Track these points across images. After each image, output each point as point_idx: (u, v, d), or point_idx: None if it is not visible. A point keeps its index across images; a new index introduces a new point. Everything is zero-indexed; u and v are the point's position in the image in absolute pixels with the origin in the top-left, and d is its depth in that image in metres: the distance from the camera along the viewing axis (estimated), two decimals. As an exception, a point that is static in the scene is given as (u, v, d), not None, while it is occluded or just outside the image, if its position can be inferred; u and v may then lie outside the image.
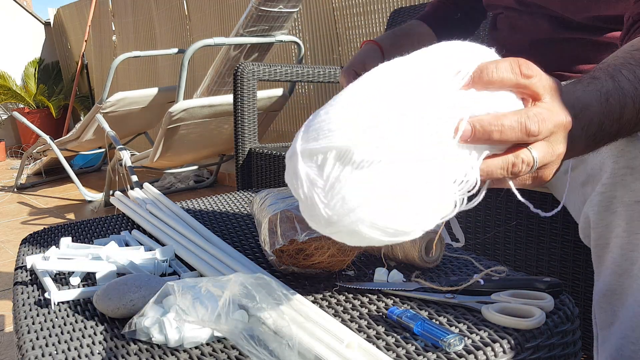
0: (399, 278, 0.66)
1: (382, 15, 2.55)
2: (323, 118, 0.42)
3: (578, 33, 0.87)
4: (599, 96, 0.51)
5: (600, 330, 0.72)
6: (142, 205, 0.98)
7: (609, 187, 0.68)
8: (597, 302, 0.73)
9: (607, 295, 0.70)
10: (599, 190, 0.69)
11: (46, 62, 6.13)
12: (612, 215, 0.68)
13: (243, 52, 2.58)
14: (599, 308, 0.72)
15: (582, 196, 0.76)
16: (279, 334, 0.51)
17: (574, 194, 0.80)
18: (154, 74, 4.52)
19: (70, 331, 0.59)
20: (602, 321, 0.72)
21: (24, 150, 4.98)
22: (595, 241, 0.71)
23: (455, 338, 0.50)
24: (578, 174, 0.79)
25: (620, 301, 0.69)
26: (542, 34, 0.91)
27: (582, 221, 0.74)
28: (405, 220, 0.42)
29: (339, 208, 0.41)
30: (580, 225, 0.75)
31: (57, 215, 3.05)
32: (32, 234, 0.94)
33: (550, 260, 1.01)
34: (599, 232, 0.70)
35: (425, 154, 0.41)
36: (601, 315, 0.72)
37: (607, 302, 0.71)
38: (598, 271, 0.72)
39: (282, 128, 3.31)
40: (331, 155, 0.41)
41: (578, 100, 0.50)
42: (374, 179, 0.41)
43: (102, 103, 2.89)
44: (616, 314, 0.69)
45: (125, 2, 4.72)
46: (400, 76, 0.43)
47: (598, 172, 0.71)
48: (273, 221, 0.69)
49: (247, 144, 1.83)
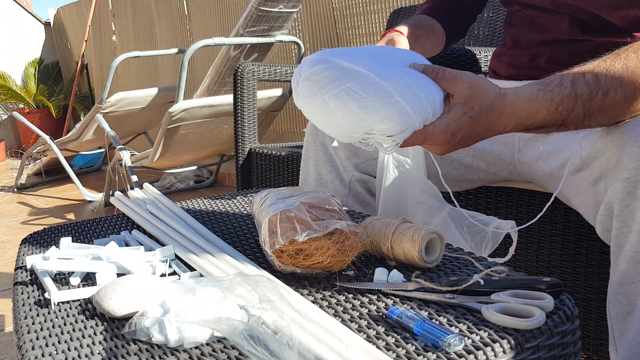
0: (399, 278, 0.66)
1: (382, 15, 2.55)
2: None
3: (599, 36, 0.87)
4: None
5: (616, 323, 0.72)
6: (142, 205, 0.98)
7: (633, 172, 0.67)
8: (612, 294, 0.72)
9: (622, 285, 0.70)
10: (624, 177, 0.68)
11: (46, 62, 6.13)
12: (636, 201, 0.67)
13: (243, 52, 2.58)
14: (614, 300, 0.72)
15: (594, 194, 0.76)
16: (279, 334, 0.51)
17: (583, 194, 0.80)
18: (154, 74, 4.52)
19: (70, 331, 0.59)
20: (617, 313, 0.71)
21: (24, 150, 4.98)
22: (618, 230, 0.70)
23: (455, 338, 0.50)
24: (588, 174, 0.78)
25: (637, 289, 0.68)
26: (563, 34, 0.91)
27: (603, 213, 0.73)
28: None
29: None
30: (598, 219, 0.74)
31: (57, 215, 3.05)
32: (32, 234, 0.94)
33: (550, 260, 1.01)
34: (623, 219, 0.69)
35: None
36: (616, 308, 0.72)
37: (623, 292, 0.70)
38: (615, 263, 0.72)
39: (282, 128, 3.31)
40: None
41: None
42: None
43: (102, 103, 2.89)
44: (633, 303, 0.69)
45: (125, 2, 4.72)
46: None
47: (616, 164, 0.71)
48: (273, 221, 0.69)
49: (247, 144, 1.83)
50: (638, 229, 0.67)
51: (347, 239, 0.67)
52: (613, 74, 0.66)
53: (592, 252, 0.94)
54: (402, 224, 0.72)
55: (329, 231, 0.66)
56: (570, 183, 0.84)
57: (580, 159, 0.80)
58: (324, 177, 1.05)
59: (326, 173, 1.04)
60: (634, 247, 0.68)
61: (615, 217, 0.70)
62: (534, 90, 0.68)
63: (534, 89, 0.68)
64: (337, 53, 0.71)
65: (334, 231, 0.67)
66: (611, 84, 0.67)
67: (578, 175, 0.81)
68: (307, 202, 0.71)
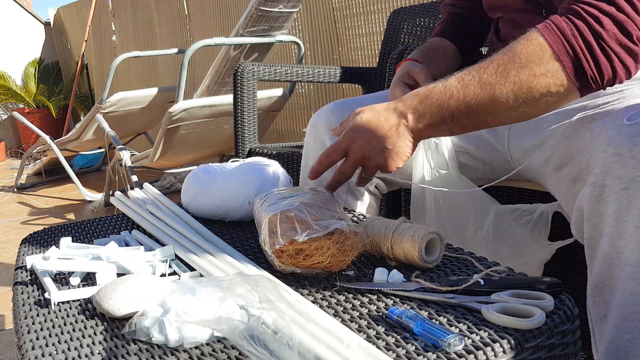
0: (399, 278, 0.66)
1: (382, 15, 2.55)
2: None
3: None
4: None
5: (596, 325, 0.73)
6: (142, 205, 0.98)
7: (599, 177, 0.68)
8: (590, 297, 0.73)
9: (598, 287, 0.71)
10: (591, 181, 0.69)
11: (46, 62, 6.13)
12: (603, 205, 0.68)
13: (243, 52, 2.58)
14: (592, 302, 0.73)
15: (573, 193, 0.77)
16: (279, 334, 0.51)
17: (566, 192, 0.81)
18: (154, 74, 4.52)
19: (70, 331, 0.59)
20: (596, 315, 0.72)
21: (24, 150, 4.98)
22: (589, 233, 0.71)
23: (455, 338, 0.50)
24: (567, 172, 0.79)
25: (612, 292, 0.69)
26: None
27: (576, 215, 0.74)
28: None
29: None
30: (572, 221, 0.75)
31: (57, 215, 3.05)
32: (32, 234, 0.94)
33: (550, 261, 1.01)
34: (593, 223, 0.70)
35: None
36: (595, 310, 0.72)
37: (599, 294, 0.71)
38: (590, 266, 0.73)
39: (282, 128, 3.31)
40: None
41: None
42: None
43: (102, 103, 2.89)
44: (608, 306, 0.70)
45: (125, 2, 4.72)
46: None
47: (587, 167, 0.72)
48: (273, 221, 0.69)
49: (247, 144, 1.83)
50: (608, 232, 0.68)
51: (347, 239, 0.67)
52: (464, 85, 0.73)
53: (592, 252, 0.94)
54: (402, 224, 0.72)
55: (329, 231, 0.66)
56: (554, 180, 0.84)
57: (559, 157, 0.81)
58: (324, 177, 1.05)
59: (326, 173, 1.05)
60: (605, 250, 0.69)
61: (586, 221, 0.71)
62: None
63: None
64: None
65: (334, 231, 0.67)
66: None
67: (560, 172, 0.82)
68: (307, 202, 0.71)
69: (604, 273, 0.70)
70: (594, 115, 0.76)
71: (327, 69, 1.95)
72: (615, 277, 0.68)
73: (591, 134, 0.73)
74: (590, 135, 0.73)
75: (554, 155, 0.83)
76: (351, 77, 2.02)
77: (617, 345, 0.68)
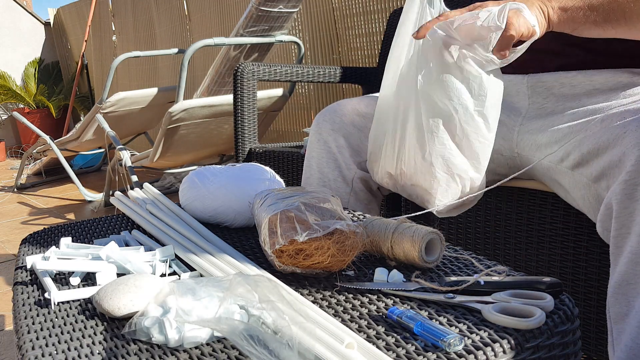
0: (399, 278, 0.66)
1: (382, 15, 2.55)
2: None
3: None
4: None
5: (615, 324, 0.72)
6: (142, 205, 0.98)
7: (633, 175, 0.68)
8: (612, 294, 0.72)
9: (622, 285, 0.70)
10: (623, 179, 0.69)
11: (46, 62, 6.13)
12: (635, 203, 0.68)
13: (243, 52, 2.58)
14: (613, 301, 0.72)
15: (596, 191, 0.76)
16: (278, 334, 0.51)
17: (583, 190, 0.80)
18: (154, 74, 4.52)
19: (70, 331, 0.59)
20: (616, 314, 0.72)
21: (24, 150, 4.98)
22: (617, 231, 0.71)
23: (455, 338, 0.50)
24: (589, 170, 0.78)
25: (636, 290, 0.68)
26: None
27: (603, 213, 0.73)
28: None
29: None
30: (599, 219, 0.75)
31: (57, 215, 3.05)
32: (32, 234, 0.94)
33: (550, 260, 1.01)
34: (622, 220, 0.70)
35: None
36: (615, 308, 0.72)
37: (622, 293, 0.70)
38: (614, 263, 0.72)
39: (282, 128, 3.31)
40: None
41: None
42: None
43: (102, 103, 2.89)
44: (631, 305, 0.69)
45: (125, 2, 4.72)
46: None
47: (618, 164, 0.71)
48: (273, 221, 0.69)
49: (247, 144, 1.83)
50: (637, 231, 0.68)
51: (347, 239, 0.67)
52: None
53: (592, 252, 0.94)
54: (402, 224, 0.72)
55: (329, 231, 0.66)
56: (569, 177, 0.84)
57: (580, 154, 0.80)
58: (326, 176, 1.06)
59: (329, 171, 1.05)
60: (633, 248, 0.68)
61: (615, 218, 0.71)
62: None
63: None
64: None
65: (334, 231, 0.67)
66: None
67: (577, 170, 0.81)
68: (307, 202, 0.71)
69: (629, 271, 0.69)
70: (624, 113, 0.76)
71: (327, 69, 1.95)
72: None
73: (624, 130, 0.72)
74: (623, 132, 0.72)
75: (573, 152, 0.82)
76: (351, 77, 2.02)
77: (638, 344, 0.68)
